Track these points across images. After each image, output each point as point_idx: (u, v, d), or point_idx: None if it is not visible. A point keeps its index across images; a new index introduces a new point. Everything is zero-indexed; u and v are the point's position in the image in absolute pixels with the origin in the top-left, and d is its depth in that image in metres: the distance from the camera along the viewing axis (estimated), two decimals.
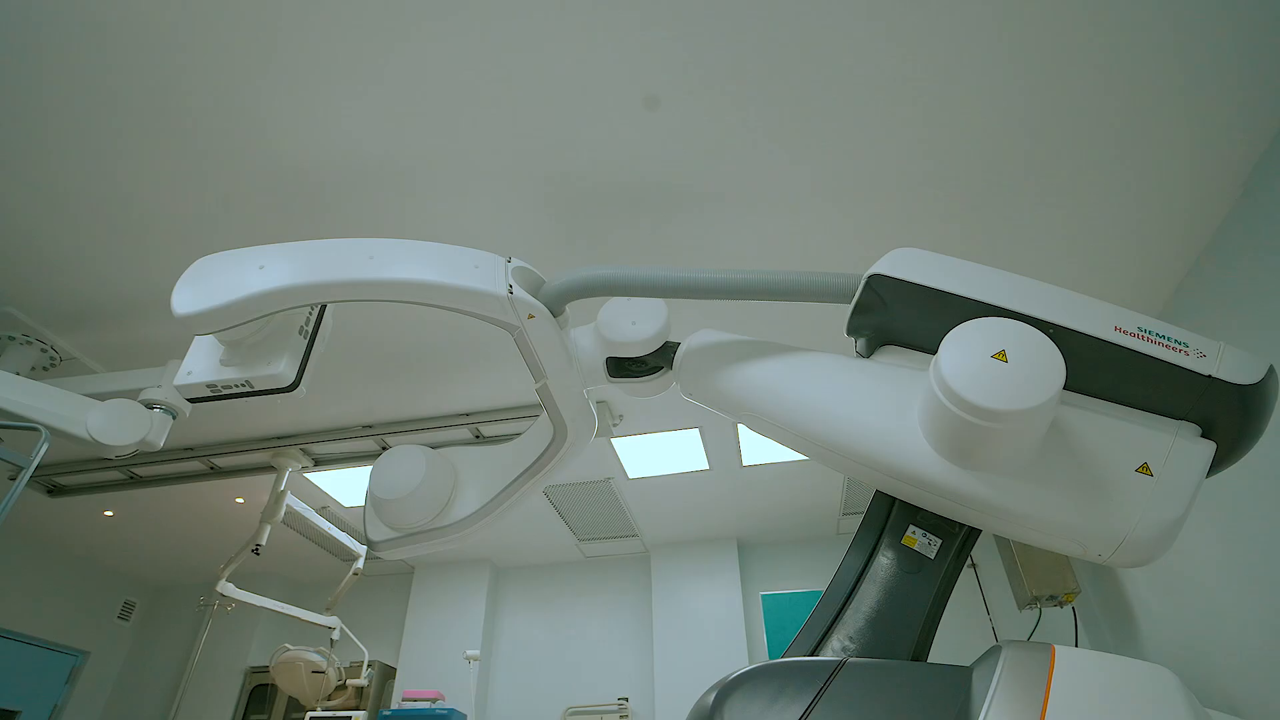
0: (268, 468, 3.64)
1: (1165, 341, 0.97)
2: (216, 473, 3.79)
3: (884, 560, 1.12)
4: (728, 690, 0.80)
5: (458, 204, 2.31)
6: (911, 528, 1.13)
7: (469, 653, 4.19)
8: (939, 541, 1.11)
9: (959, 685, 0.75)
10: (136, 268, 2.50)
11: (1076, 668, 0.72)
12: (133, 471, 3.77)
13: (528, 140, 2.10)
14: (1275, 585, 2.19)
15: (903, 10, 1.75)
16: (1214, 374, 0.94)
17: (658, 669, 4.70)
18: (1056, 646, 0.76)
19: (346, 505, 4.46)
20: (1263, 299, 2.17)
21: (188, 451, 3.61)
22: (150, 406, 2.11)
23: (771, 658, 4.89)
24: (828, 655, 0.99)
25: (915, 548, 1.12)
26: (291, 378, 1.29)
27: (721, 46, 1.84)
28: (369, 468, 3.76)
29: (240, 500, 4.34)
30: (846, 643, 1.02)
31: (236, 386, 1.29)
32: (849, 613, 1.07)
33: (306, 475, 3.93)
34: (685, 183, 2.25)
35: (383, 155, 2.12)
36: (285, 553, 5.01)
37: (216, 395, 1.30)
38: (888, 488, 1.14)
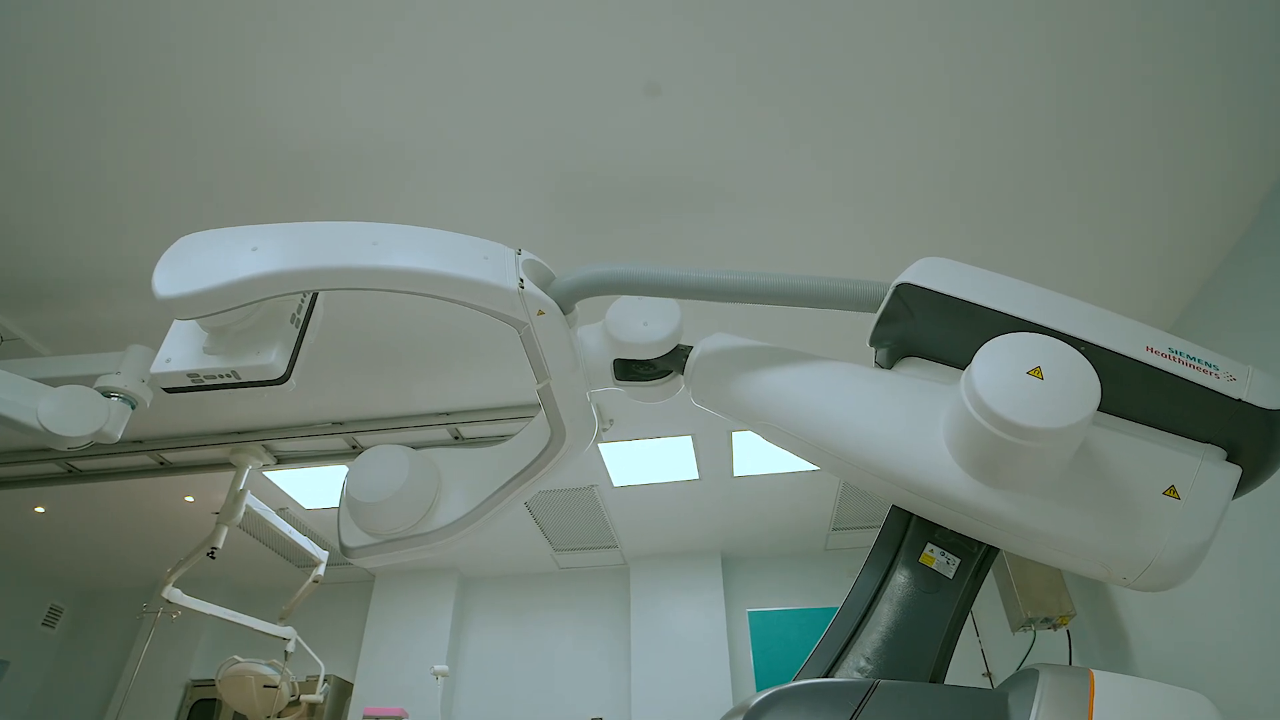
0: (225, 464, 3.55)
1: (1195, 363, 1.00)
2: (167, 468, 3.69)
3: (901, 579, 1.13)
4: (756, 713, 0.80)
5: (455, 195, 2.29)
6: (929, 546, 1.15)
7: (437, 668, 4.14)
8: (958, 560, 1.13)
9: (996, 709, 0.78)
10: (102, 244, 2.43)
11: (1116, 694, 0.75)
12: (72, 465, 3.65)
13: (531, 130, 2.08)
14: (1276, 612, 2.28)
15: (944, 12, 1.80)
16: (1243, 398, 0.98)
17: (635, 688, 4.70)
18: (1094, 671, 0.79)
19: (308, 507, 4.37)
20: (1272, 316, 2.27)
21: (137, 445, 3.50)
22: (107, 395, 2.04)
23: (758, 677, 4.87)
24: (842, 676, 1.00)
25: (933, 566, 1.14)
26: (283, 369, 1.26)
27: (745, 35, 1.85)
28: (336, 467, 3.72)
29: (190, 499, 4.23)
30: (863, 663, 1.04)
31: (221, 377, 1.25)
32: (865, 632, 1.08)
33: (265, 473, 3.84)
34: (694, 178, 2.26)
35: (378, 137, 2.09)
36: (233, 556, 4.88)
37: (198, 386, 1.26)
38: (907, 503, 1.16)
